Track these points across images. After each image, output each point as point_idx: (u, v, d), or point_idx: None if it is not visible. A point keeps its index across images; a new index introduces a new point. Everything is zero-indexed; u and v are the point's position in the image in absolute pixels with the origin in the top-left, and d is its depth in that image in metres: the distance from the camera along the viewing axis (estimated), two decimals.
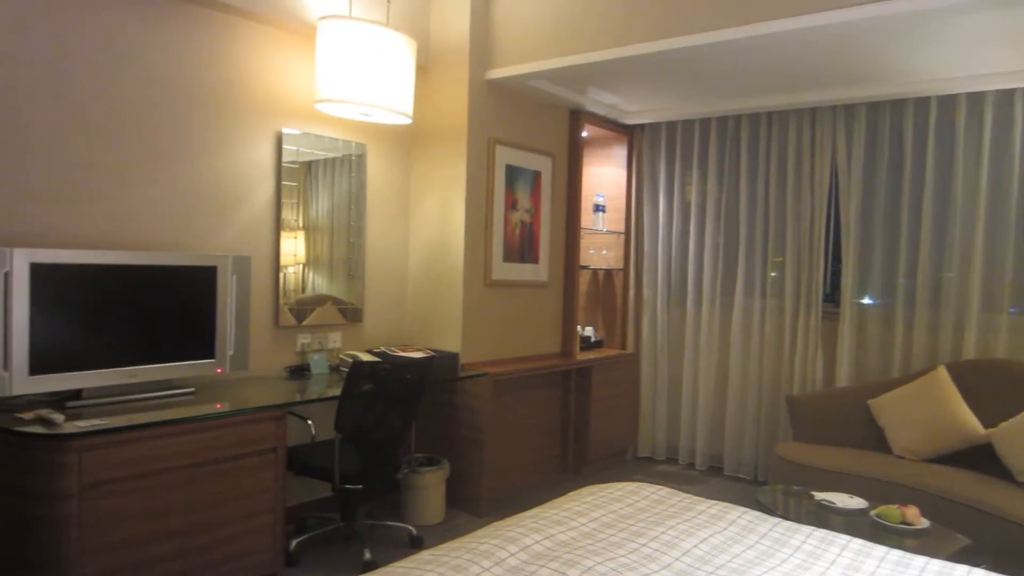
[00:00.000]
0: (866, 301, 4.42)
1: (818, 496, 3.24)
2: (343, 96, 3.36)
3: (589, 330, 5.22)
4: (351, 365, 3.16)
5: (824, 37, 3.20)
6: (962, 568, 2.01)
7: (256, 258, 3.56)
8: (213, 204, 3.40)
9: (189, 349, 3.08)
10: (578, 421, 4.89)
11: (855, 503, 3.15)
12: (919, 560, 2.06)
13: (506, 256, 4.36)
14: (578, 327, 4.89)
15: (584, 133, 4.87)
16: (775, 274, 4.73)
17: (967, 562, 2.41)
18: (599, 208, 5.16)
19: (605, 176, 5.34)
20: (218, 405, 2.89)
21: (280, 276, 3.67)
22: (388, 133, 4.19)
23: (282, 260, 3.66)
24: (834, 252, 4.58)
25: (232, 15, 3.40)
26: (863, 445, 3.96)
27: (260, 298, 3.60)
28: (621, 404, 5.11)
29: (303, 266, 3.77)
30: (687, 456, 5.12)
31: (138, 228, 3.14)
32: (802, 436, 4.11)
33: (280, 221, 3.65)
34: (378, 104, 3.42)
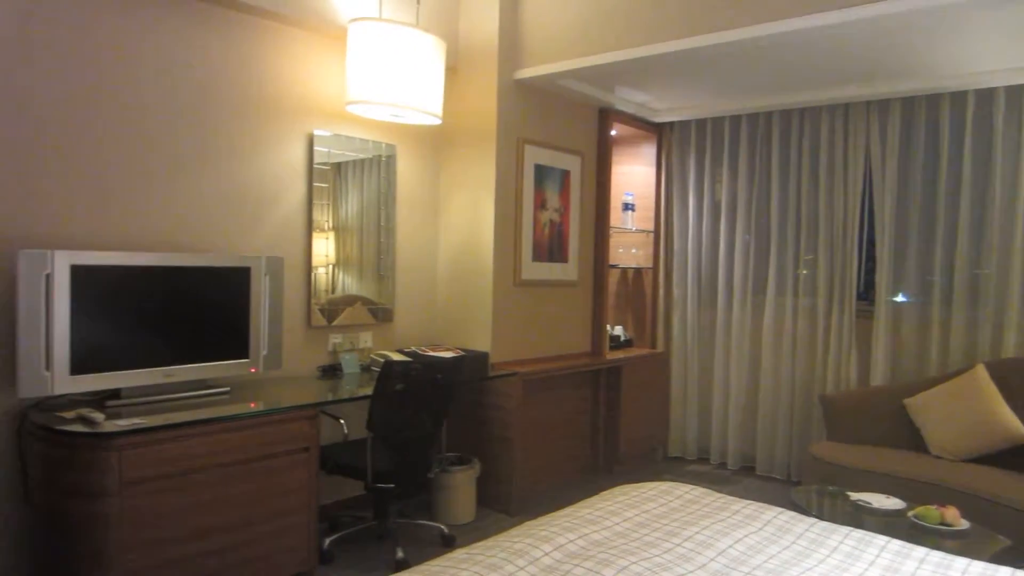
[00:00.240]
0: (901, 299, 4.35)
1: (854, 496, 3.19)
2: (374, 97, 3.38)
3: (619, 329, 5.20)
4: (383, 365, 3.18)
5: (857, 32, 3.15)
6: (1006, 570, 1.97)
7: (288, 259, 3.60)
8: (247, 206, 3.44)
9: (224, 349, 3.12)
10: (608, 420, 4.88)
11: (892, 503, 3.10)
12: (960, 562, 2.02)
13: (535, 255, 4.36)
14: (608, 326, 4.87)
15: (613, 132, 4.85)
16: (807, 272, 4.67)
17: (1009, 564, 2.36)
18: (628, 207, 5.13)
19: (634, 175, 5.32)
20: (252, 404, 2.93)
21: (312, 277, 3.70)
22: (418, 134, 4.22)
23: (313, 261, 3.70)
24: (868, 250, 4.51)
25: (265, 19, 3.44)
26: (899, 445, 3.90)
27: (292, 298, 3.63)
28: (651, 403, 5.09)
29: (333, 266, 3.80)
30: (718, 456, 5.08)
31: (174, 230, 3.19)
32: (836, 436, 4.05)
33: (312, 222, 3.69)
34: (408, 105, 3.44)
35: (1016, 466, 3.48)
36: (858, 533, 2.22)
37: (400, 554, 3.25)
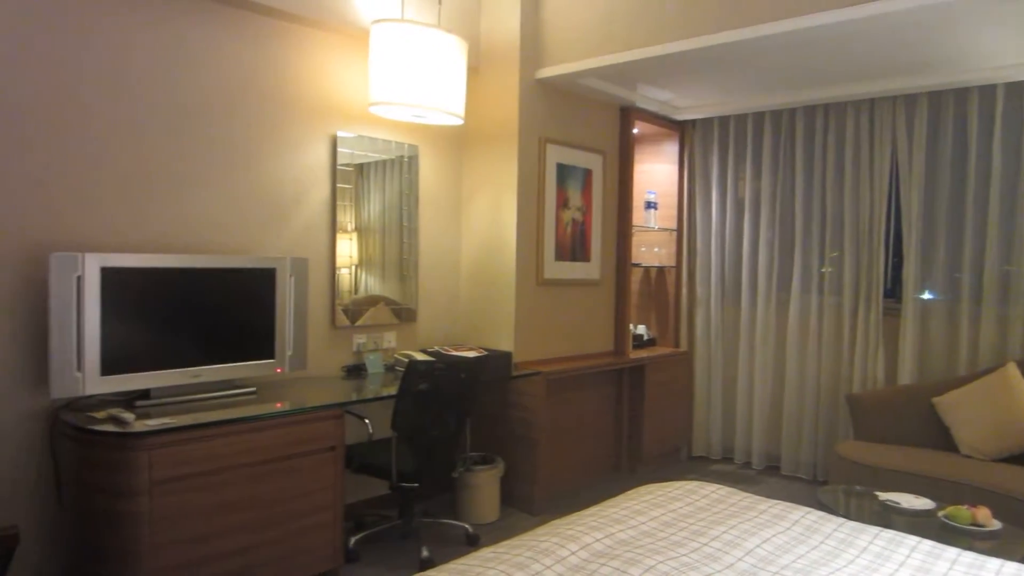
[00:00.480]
0: (929, 296, 4.29)
1: (882, 496, 3.15)
2: (396, 98, 3.40)
3: (642, 328, 5.18)
4: (407, 365, 3.19)
5: (884, 26, 3.11)
6: None
7: (313, 260, 3.63)
8: (271, 207, 3.47)
9: (250, 349, 3.15)
10: (632, 420, 4.86)
11: (921, 503, 3.06)
12: (993, 563, 1.99)
13: (558, 255, 4.35)
14: (631, 325, 4.85)
15: (635, 130, 4.84)
16: (832, 270, 4.62)
17: None
18: (651, 205, 5.11)
19: (656, 173, 5.30)
20: (279, 404, 2.95)
21: (335, 277, 3.73)
22: (440, 134, 4.23)
23: (337, 261, 3.72)
24: (894, 247, 4.45)
25: (289, 22, 3.47)
26: (927, 444, 3.84)
27: (317, 299, 3.66)
28: (675, 403, 5.06)
29: (356, 267, 3.82)
30: (743, 455, 5.04)
31: (200, 232, 3.22)
32: (863, 435, 4.01)
33: (336, 223, 3.71)
34: (431, 106, 3.45)
35: None
36: (888, 533, 2.19)
37: (425, 553, 3.27)
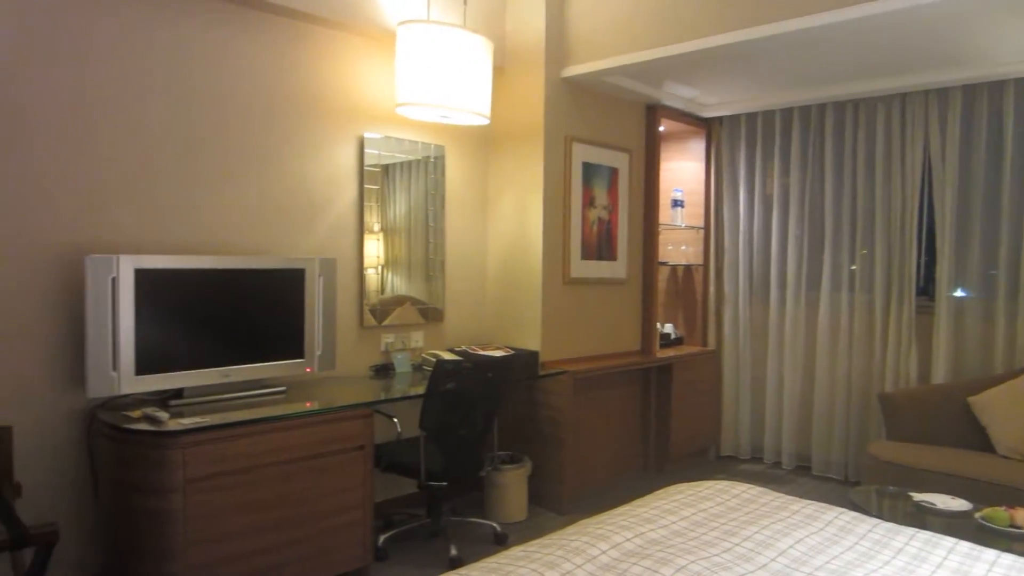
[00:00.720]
0: (962, 294, 4.21)
1: (916, 497, 3.10)
2: (423, 99, 3.41)
3: (669, 327, 5.15)
4: (434, 364, 3.20)
5: (917, 18, 3.05)
6: None
7: (340, 260, 3.66)
8: (300, 208, 3.50)
9: (280, 349, 3.18)
10: (659, 419, 4.83)
11: (957, 504, 3.00)
12: None
13: (584, 254, 4.34)
14: (658, 324, 4.83)
15: (661, 128, 4.81)
16: (862, 267, 4.56)
17: None
18: (677, 203, 5.08)
19: (683, 171, 5.26)
20: (308, 404, 2.98)
21: (363, 277, 3.75)
22: (466, 134, 4.24)
23: (364, 262, 3.75)
24: (927, 243, 4.38)
25: (316, 25, 3.50)
26: (962, 444, 3.78)
27: (345, 299, 3.69)
28: (703, 402, 5.03)
29: (383, 267, 3.84)
30: (772, 455, 4.99)
31: (231, 233, 3.26)
32: (896, 435, 3.95)
33: (363, 224, 3.73)
34: (457, 106, 3.46)
35: None
36: (924, 535, 2.16)
37: (454, 551, 3.28)
